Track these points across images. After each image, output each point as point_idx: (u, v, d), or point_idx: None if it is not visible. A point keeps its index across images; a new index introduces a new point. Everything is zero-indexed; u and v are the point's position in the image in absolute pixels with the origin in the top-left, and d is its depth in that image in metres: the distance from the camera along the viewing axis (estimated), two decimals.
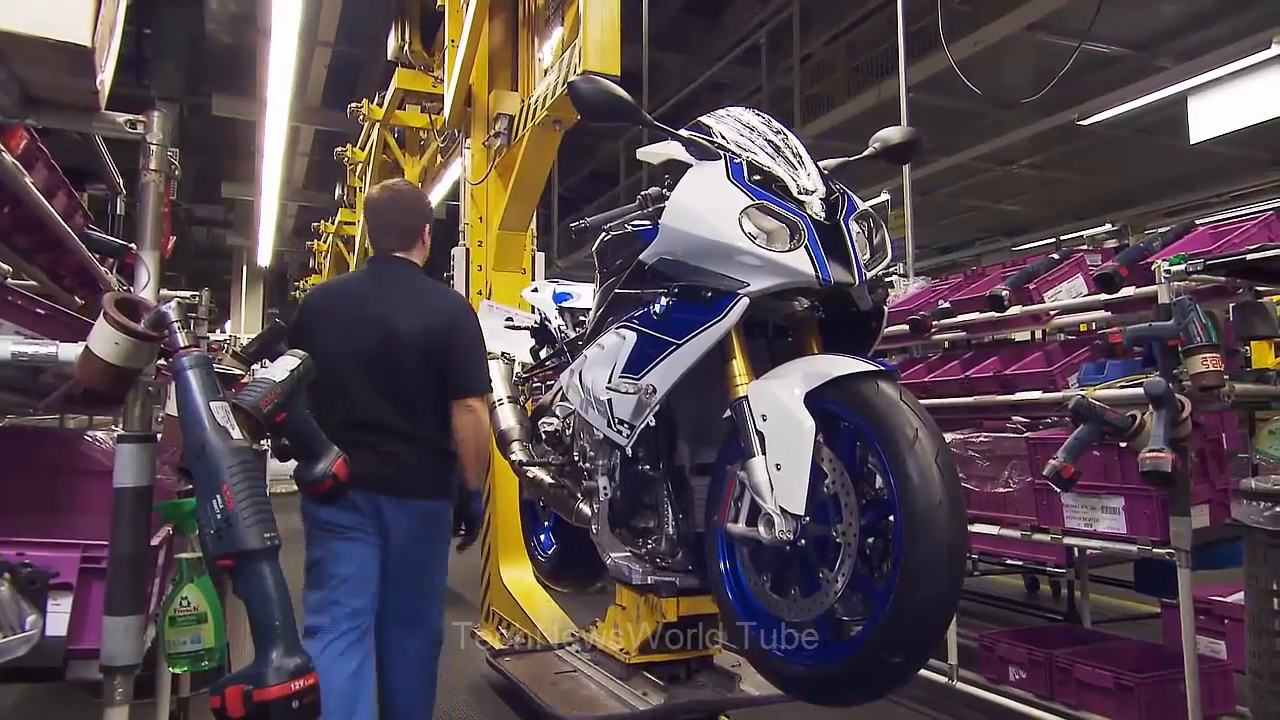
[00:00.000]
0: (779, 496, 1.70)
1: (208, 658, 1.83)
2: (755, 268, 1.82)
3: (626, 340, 2.07)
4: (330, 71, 10.63)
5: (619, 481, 2.38)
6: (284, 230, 15.79)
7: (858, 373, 1.72)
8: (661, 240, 2.00)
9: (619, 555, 2.48)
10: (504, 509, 4.22)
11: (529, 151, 4.04)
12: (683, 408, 2.20)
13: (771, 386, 1.79)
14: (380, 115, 7.36)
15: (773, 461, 1.73)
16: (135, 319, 1.64)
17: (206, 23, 10.56)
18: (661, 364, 1.95)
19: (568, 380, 2.40)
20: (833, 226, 1.88)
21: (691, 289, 1.95)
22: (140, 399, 1.80)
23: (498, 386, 3.26)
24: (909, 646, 1.61)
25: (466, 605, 5.83)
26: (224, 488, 1.46)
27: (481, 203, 4.44)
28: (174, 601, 1.82)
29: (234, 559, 1.44)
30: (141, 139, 1.85)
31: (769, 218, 1.85)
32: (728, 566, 1.95)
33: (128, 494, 1.73)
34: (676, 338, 1.92)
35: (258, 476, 1.54)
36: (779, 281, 1.82)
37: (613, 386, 2.08)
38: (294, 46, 7.57)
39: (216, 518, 1.45)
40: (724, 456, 1.97)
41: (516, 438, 3.19)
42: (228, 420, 1.55)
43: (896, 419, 1.63)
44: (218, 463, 1.48)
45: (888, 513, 1.68)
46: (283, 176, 11.92)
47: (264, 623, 1.43)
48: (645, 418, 2.01)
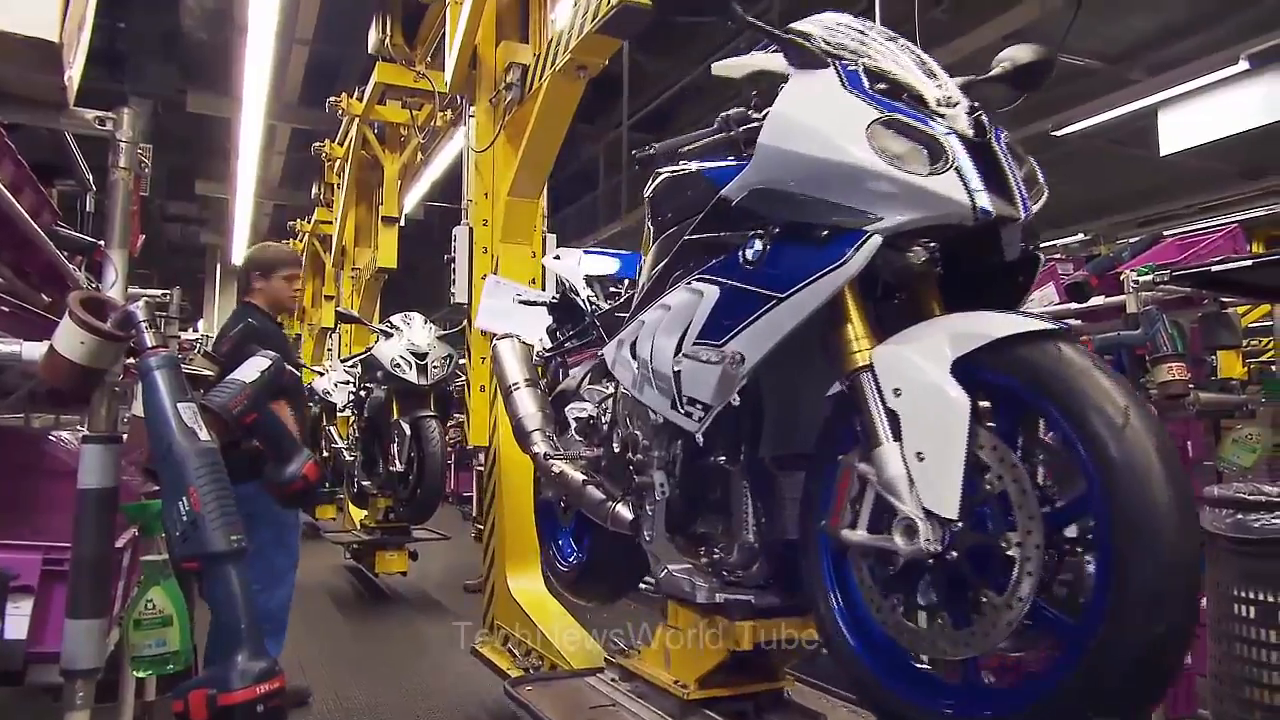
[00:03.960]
0: (923, 495, 1.34)
1: (173, 661, 1.80)
2: (889, 197, 1.43)
3: (705, 297, 1.68)
4: (308, 70, 10.53)
5: (680, 477, 1.99)
6: (259, 229, 15.62)
7: (1028, 333, 1.32)
8: (758, 166, 1.61)
9: (678, 568, 2.03)
10: (512, 509, 3.78)
11: (545, 106, 3.51)
12: (769, 383, 1.79)
13: (907, 353, 1.40)
14: (360, 110, 7.28)
15: (912, 449, 1.36)
16: (102, 318, 1.62)
17: (182, 18, 10.45)
18: (754, 325, 1.55)
19: (613, 354, 2.04)
20: (983, 146, 1.49)
21: (799, 228, 1.55)
22: (106, 399, 1.78)
23: (512, 369, 2.85)
24: (1117, 705, 1.19)
25: (444, 614, 5.75)
26: (190, 490, 1.45)
27: (487, 173, 4.03)
28: (139, 604, 1.79)
29: (200, 561, 1.43)
30: (111, 136, 1.83)
31: (902, 137, 1.46)
32: (837, 585, 1.58)
33: (91, 495, 1.71)
34: (777, 290, 1.52)
35: (225, 478, 1.52)
36: (921, 215, 1.43)
37: (687, 356, 1.69)
38: (271, 44, 7.50)
39: (183, 519, 1.44)
40: (830, 445, 1.60)
41: (537, 426, 2.70)
42: (195, 422, 1.55)
43: (1094, 394, 1.24)
44: (184, 464, 1.47)
45: (1075, 518, 1.30)
46: (258, 175, 11.82)
47: (229, 626, 1.43)
48: (728, 396, 1.62)
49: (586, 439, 2.55)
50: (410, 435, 5.54)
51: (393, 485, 5.80)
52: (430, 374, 5.64)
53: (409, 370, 5.58)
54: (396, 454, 5.57)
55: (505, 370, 2.86)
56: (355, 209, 8.05)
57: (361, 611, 6.01)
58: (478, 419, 4.04)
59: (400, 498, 5.83)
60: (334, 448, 7.29)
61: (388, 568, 6.28)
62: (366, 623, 5.66)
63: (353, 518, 7.20)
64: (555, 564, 2.98)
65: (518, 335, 3.01)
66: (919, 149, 1.45)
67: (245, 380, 2.02)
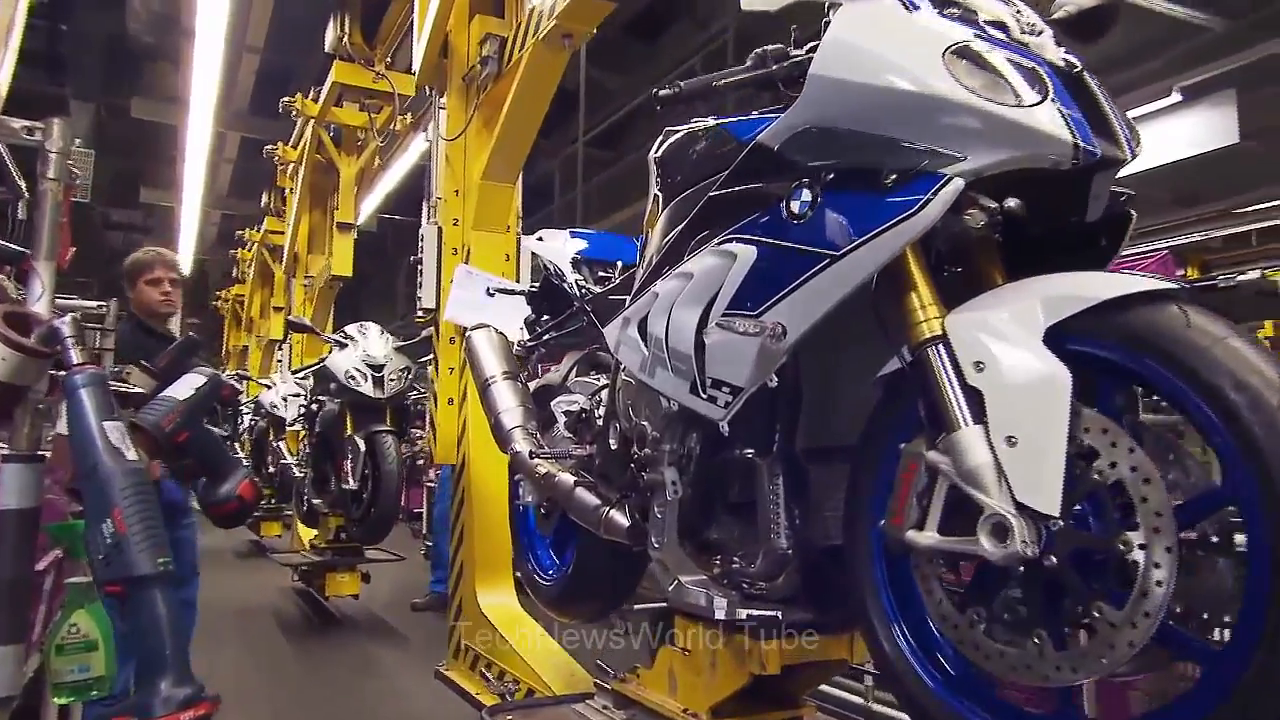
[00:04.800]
0: (1016, 486, 1.13)
1: (96, 687, 1.70)
2: (973, 133, 1.22)
3: (739, 260, 1.45)
4: (259, 77, 10.30)
5: (695, 474, 1.75)
6: (206, 238, 15.27)
7: (1143, 294, 1.12)
8: (808, 102, 1.39)
9: (692, 579, 1.76)
10: (483, 518, 3.50)
11: (526, 80, 3.25)
12: (808, 362, 1.56)
13: (991, 320, 1.20)
14: (315, 111, 7.06)
15: (1000, 433, 1.15)
16: (26, 333, 1.61)
17: (128, 22, 10.15)
18: (800, 291, 1.33)
19: (616, 334, 1.83)
20: (1075, 78, 1.30)
21: (858, 174, 1.32)
22: (29, 417, 1.74)
23: (489, 361, 2.60)
24: None
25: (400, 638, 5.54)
26: (115, 511, 1.46)
27: (458, 165, 3.76)
28: (61, 628, 1.66)
29: (123, 585, 1.42)
30: (40, 146, 1.78)
31: (987, 65, 1.26)
32: (895, 598, 1.37)
33: (11, 516, 1.64)
34: (831, 248, 1.30)
35: (153, 499, 1.52)
36: (1012, 154, 1.22)
37: (716, 329, 1.47)
38: (220, 50, 7.32)
39: (106, 542, 1.44)
40: (884, 432, 1.40)
41: (518, 423, 2.43)
42: (122, 441, 1.55)
43: (1235, 365, 1.03)
44: (109, 485, 1.48)
45: (1207, 514, 1.09)
46: (206, 183, 11.53)
47: (154, 651, 1.41)
48: (764, 375, 1.41)
49: (577, 436, 2.33)
50: (365, 451, 5.33)
51: (345, 504, 5.58)
52: (387, 387, 5.42)
53: (364, 382, 5.36)
54: (350, 471, 5.35)
55: (481, 362, 2.62)
56: (309, 214, 7.82)
57: (310, 636, 5.76)
58: (445, 435, 3.79)
59: (353, 517, 5.61)
60: (282, 464, 7.05)
61: (339, 590, 6.04)
62: (315, 648, 5.41)
63: (301, 538, 6.94)
64: (534, 578, 2.72)
65: (493, 326, 2.76)
66: (1005, 79, 1.25)
67: (178, 397, 2.03)
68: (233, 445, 8.11)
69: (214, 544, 7.57)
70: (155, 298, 3.40)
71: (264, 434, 7.75)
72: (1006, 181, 1.26)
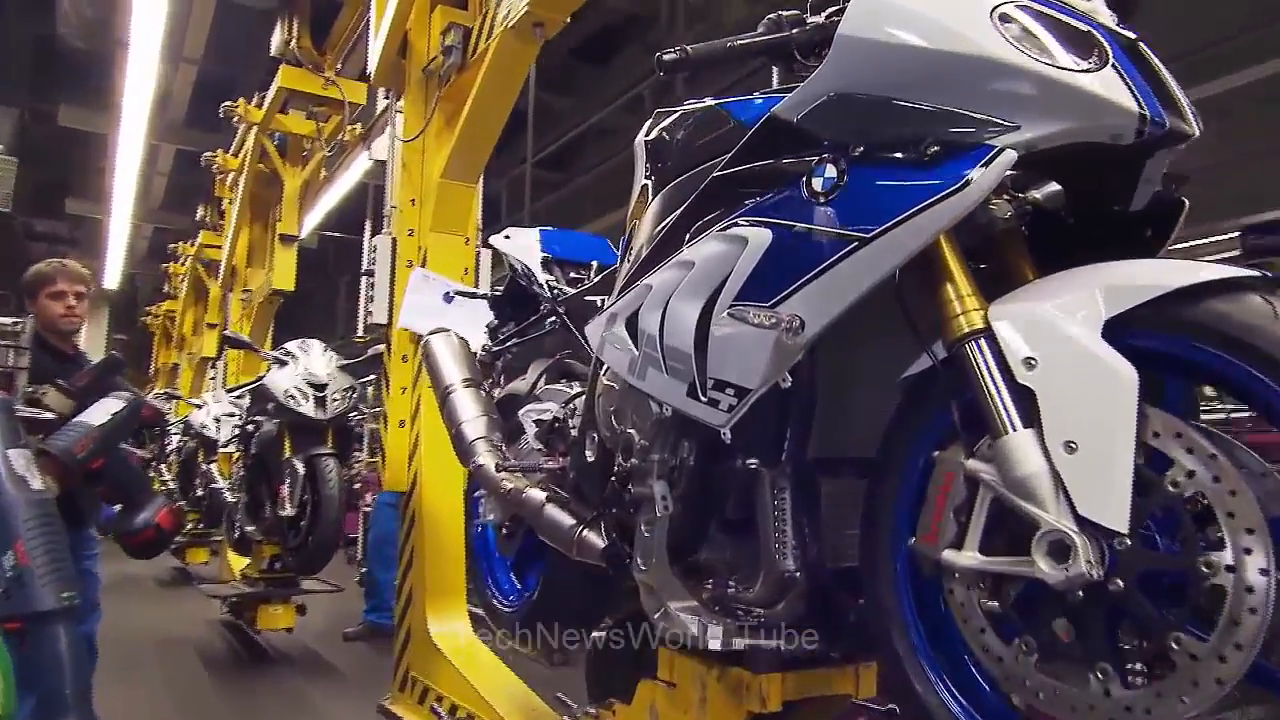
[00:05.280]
0: (1078, 499, 1.01)
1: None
2: (1028, 100, 1.10)
3: (750, 244, 1.30)
4: (196, 89, 9.96)
5: (688, 487, 1.58)
6: (136, 251, 14.71)
7: (1215, 282, 1.01)
8: (836, 67, 1.25)
9: (682, 605, 1.58)
10: (434, 538, 3.24)
11: (492, 72, 3.05)
12: (824, 360, 1.41)
13: (1041, 311, 1.07)
14: (259, 118, 6.75)
15: (1057, 439, 1.03)
16: None
17: (58, 26, 9.75)
18: (823, 279, 1.19)
19: (599, 332, 1.68)
20: (1131, 45, 1.19)
21: (892, 146, 1.19)
22: None
23: (449, 367, 2.41)
24: None
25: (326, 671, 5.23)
26: (17, 543, 1.40)
27: (415, 172, 3.55)
28: None
29: (24, 621, 1.35)
30: None
31: (1040, 24, 1.14)
32: (923, 625, 1.25)
33: None
34: (861, 229, 1.16)
35: (59, 531, 1.47)
36: (1071, 125, 1.10)
37: (722, 323, 1.33)
38: (155, 60, 7.05)
39: (7, 575, 1.38)
40: (910, 438, 1.28)
41: (481, 434, 2.24)
42: (28, 469, 1.50)
43: None
44: (12, 515, 1.42)
45: None
46: (137, 195, 11.11)
47: (55, 690, 1.36)
48: (778, 374, 1.28)
49: (548, 448, 2.16)
50: (304, 475, 5.05)
51: (281, 531, 5.26)
52: (329, 407, 5.14)
53: (305, 402, 5.08)
54: (288, 496, 5.07)
55: (440, 369, 2.43)
56: (249, 227, 7.50)
57: (237, 672, 5.40)
58: (395, 461, 3.55)
59: (289, 545, 5.30)
60: (212, 488, 6.68)
61: (271, 623, 5.68)
62: (244, 685, 5.06)
63: (232, 567, 6.57)
64: (494, 604, 2.52)
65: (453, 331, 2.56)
66: (1061, 40, 1.13)
67: (93, 423, 1.99)
68: (158, 468, 7.75)
69: (135, 571, 7.16)
70: (58, 313, 3.11)
71: (193, 456, 7.37)
72: (1047, 161, 1.15)
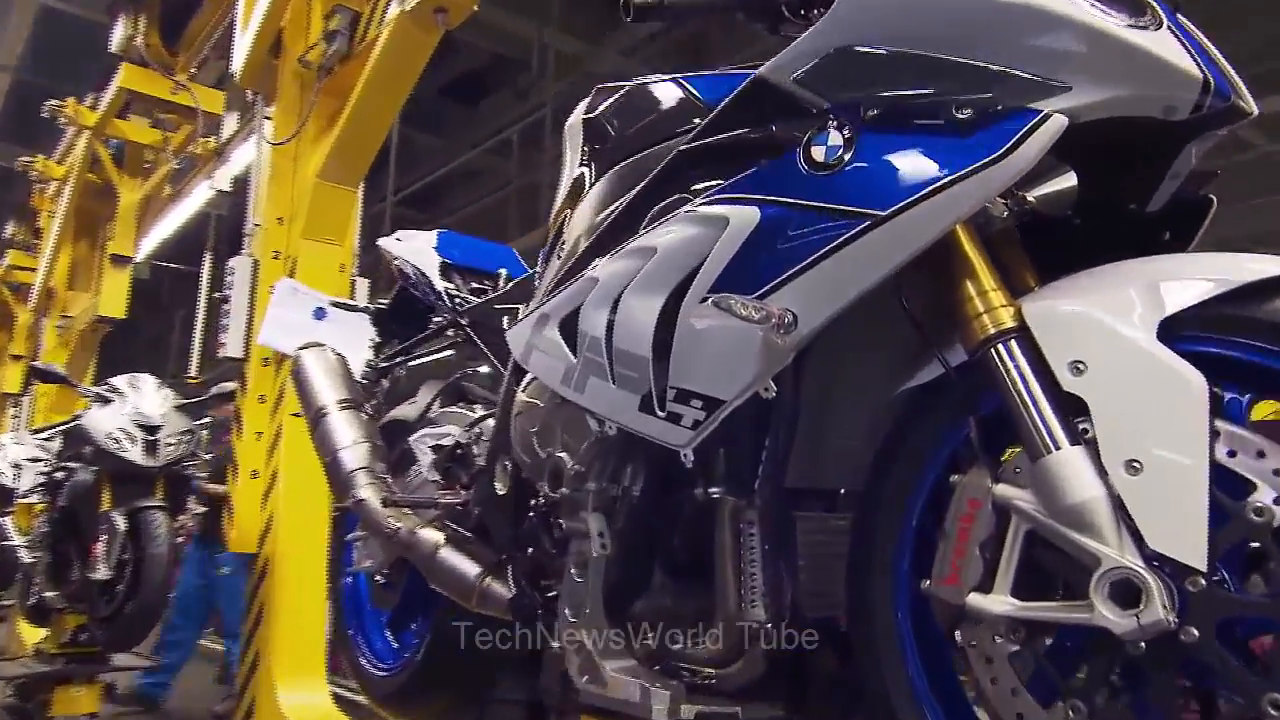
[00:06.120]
0: (1148, 530, 0.86)
1: None
2: (1080, 59, 0.96)
3: (733, 225, 1.10)
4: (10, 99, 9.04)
5: (631, 522, 1.37)
6: None
7: None
8: (843, 18, 1.07)
9: (620, 666, 1.34)
10: (288, 595, 2.88)
11: (384, 61, 2.75)
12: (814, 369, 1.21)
13: (1086, 308, 0.94)
14: (93, 121, 6.00)
15: (1117, 457, 0.88)
16: None
17: None
18: (824, 265, 1.01)
19: (525, 337, 1.44)
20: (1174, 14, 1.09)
21: (912, 110, 1.03)
22: None
23: (323, 387, 2.10)
24: None
25: None
26: None
27: (284, 183, 3.15)
28: None
29: None
30: None
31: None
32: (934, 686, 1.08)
33: None
34: (876, 205, 0.99)
35: None
36: (1130, 90, 0.97)
37: (695, 318, 1.12)
38: None
39: None
40: (913, 461, 1.12)
41: (363, 464, 1.95)
42: None
43: None
44: None
45: None
46: None
47: None
48: (761, 381, 1.09)
49: (446, 479, 1.91)
50: (125, 531, 4.36)
51: (90, 597, 4.52)
52: (162, 452, 4.50)
53: (132, 446, 4.42)
54: (103, 555, 4.34)
55: (313, 389, 2.12)
56: (73, 244, 6.65)
57: None
58: (245, 518, 3.16)
59: (99, 614, 4.54)
60: (4, 545, 5.72)
61: (71, 709, 4.78)
62: None
63: (24, 640, 5.67)
64: (365, 669, 2.23)
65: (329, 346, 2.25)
66: None
67: None
68: None
69: None
70: None
71: None
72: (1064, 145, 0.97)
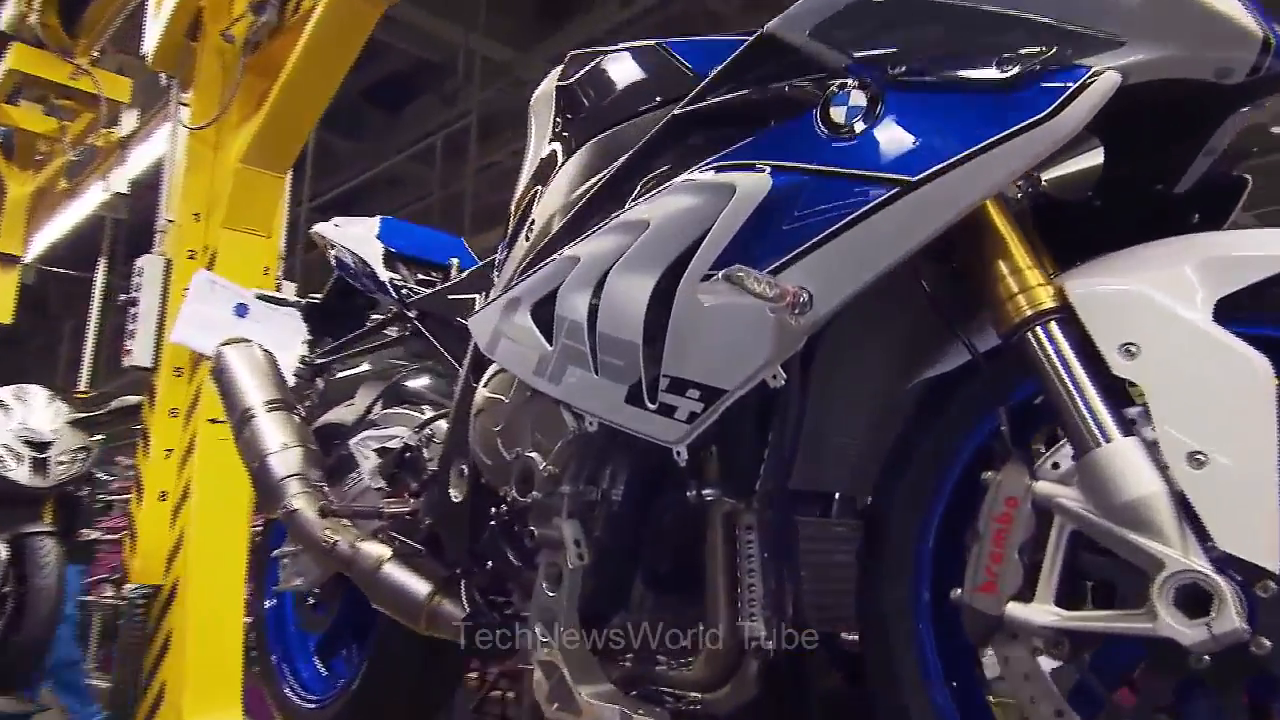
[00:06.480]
0: (1216, 529, 0.79)
1: None
2: (1134, 12, 0.88)
3: (740, 193, 1.00)
4: None
5: (612, 529, 1.26)
6: None
7: None
8: None
9: (594, 691, 1.22)
10: (199, 612, 2.65)
11: (319, 35, 2.55)
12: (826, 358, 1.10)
13: (1136, 287, 0.86)
14: None
15: (1178, 450, 0.81)
16: None
17: None
18: (845, 237, 0.93)
19: (492, 324, 1.33)
20: None
21: (945, 64, 0.94)
22: None
23: (248, 386, 1.93)
24: None
25: None
26: None
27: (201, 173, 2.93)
28: None
29: None
30: None
31: None
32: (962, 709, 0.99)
33: None
34: (904, 170, 0.91)
35: None
36: (1188, 50, 0.89)
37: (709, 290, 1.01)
38: None
39: None
40: (937, 456, 1.04)
41: (296, 471, 1.80)
42: None
43: None
44: None
45: None
46: None
47: None
48: (769, 368, 0.99)
49: (392, 486, 1.76)
50: (7, 560, 4.09)
51: None
52: (52, 472, 4.31)
53: (17, 465, 4.21)
54: None
55: (238, 389, 1.95)
56: None
57: None
58: (149, 545, 2.90)
59: None
60: None
61: None
62: None
63: None
64: (292, 701, 2.08)
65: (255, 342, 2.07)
66: None
67: None
68: None
69: None
70: None
71: None
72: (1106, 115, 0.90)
